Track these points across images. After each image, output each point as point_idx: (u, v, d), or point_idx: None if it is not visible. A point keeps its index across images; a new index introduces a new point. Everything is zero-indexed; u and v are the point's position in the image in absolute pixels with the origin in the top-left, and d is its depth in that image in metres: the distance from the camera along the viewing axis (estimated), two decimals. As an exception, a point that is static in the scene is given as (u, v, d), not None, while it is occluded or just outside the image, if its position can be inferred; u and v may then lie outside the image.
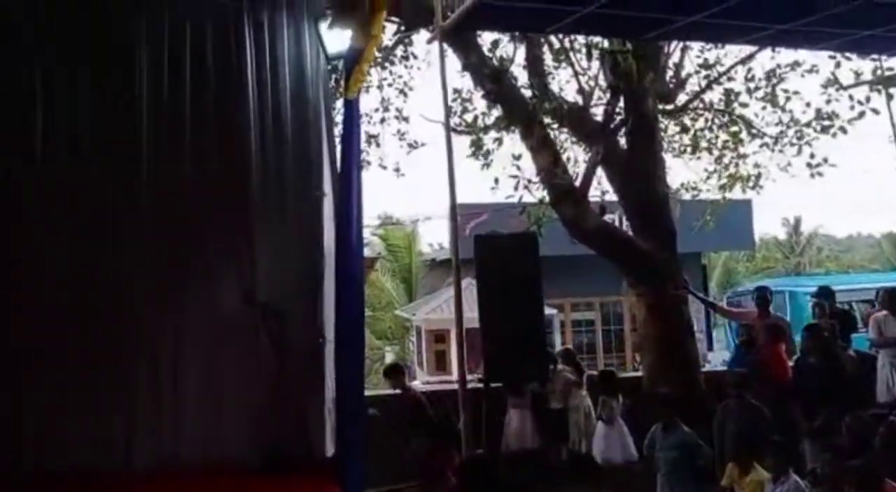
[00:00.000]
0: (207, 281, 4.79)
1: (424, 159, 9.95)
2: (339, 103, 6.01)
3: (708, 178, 9.39)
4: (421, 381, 17.75)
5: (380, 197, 21.57)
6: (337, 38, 4.86)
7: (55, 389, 4.41)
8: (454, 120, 8.11)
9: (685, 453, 5.60)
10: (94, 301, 4.56)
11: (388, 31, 8.26)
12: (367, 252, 4.57)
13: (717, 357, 15.36)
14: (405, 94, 9.40)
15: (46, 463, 4.30)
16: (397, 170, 9.64)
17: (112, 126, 4.75)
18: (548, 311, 7.83)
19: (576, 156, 8.94)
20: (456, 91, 8.72)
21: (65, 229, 4.61)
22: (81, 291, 4.56)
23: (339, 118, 5.74)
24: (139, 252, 4.69)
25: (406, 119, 9.47)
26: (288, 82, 4.99)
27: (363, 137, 8.08)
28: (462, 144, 8.73)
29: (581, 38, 8.05)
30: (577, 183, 7.95)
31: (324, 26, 4.92)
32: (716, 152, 9.27)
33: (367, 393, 5.69)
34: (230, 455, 4.55)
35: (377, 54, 7.76)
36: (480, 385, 6.48)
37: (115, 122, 4.75)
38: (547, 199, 8.11)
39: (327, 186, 4.97)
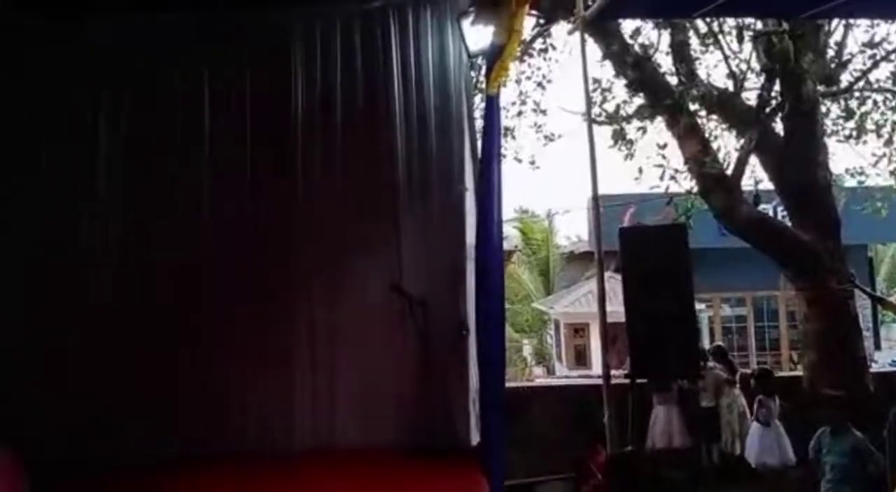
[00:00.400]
0: (358, 272, 4.99)
1: (558, 151, 9.84)
2: (478, 98, 6.07)
3: (877, 163, 8.64)
4: (560, 374, 17.61)
5: (515, 190, 21.59)
6: (479, 35, 4.89)
7: (222, 373, 4.78)
8: (594, 110, 7.95)
9: (856, 459, 5.25)
10: (257, 289, 4.90)
11: (528, 25, 8.23)
12: (504, 245, 4.59)
13: (884, 357, 14.14)
14: (543, 87, 9.34)
15: (210, 446, 4.66)
16: (532, 162, 9.61)
17: (268, 122, 5.07)
18: (696, 306, 7.52)
19: (726, 143, 8.51)
20: (595, 81, 8.56)
21: (226, 220, 4.98)
22: (245, 281, 4.91)
23: (478, 113, 5.79)
24: (295, 242, 4.99)
25: (544, 112, 9.41)
26: (432, 79, 5.10)
27: (500, 130, 8.09)
28: (602, 134, 8.55)
29: (731, 21, 7.66)
30: (729, 172, 7.60)
31: (466, 23, 4.97)
32: (885, 135, 8.51)
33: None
34: (381, 441, 4.74)
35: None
36: (626, 381, 6.33)
37: (271, 117, 5.07)
38: (695, 189, 7.80)
39: (469, 181, 5.03)
